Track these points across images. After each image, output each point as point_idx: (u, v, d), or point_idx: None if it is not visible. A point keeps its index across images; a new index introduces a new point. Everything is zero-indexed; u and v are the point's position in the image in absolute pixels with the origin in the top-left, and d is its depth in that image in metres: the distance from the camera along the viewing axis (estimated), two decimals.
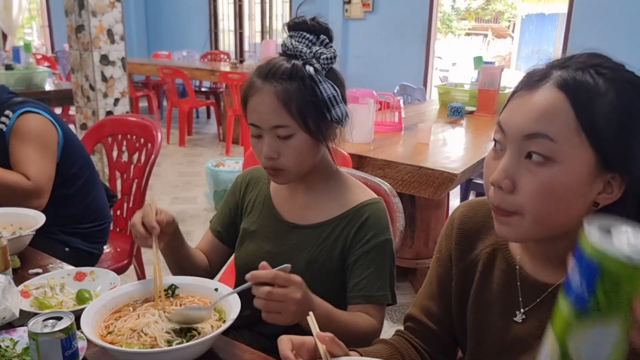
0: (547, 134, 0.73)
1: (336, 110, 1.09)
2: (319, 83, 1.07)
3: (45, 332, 0.75)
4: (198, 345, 0.90)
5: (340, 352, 0.83)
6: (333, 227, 1.18)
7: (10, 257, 1.24)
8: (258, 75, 1.11)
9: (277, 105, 1.07)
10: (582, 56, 0.77)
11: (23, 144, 1.70)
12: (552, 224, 0.78)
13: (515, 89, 0.81)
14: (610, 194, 0.77)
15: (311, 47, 1.10)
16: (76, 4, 3.24)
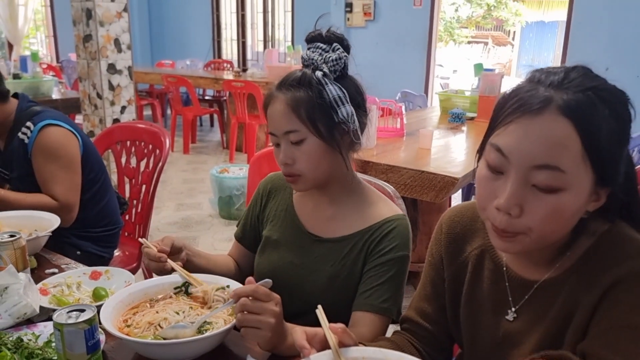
0: (558, 165, 0.74)
1: (342, 111, 1.11)
2: (325, 85, 1.11)
3: (69, 323, 0.80)
4: (210, 338, 0.94)
5: (351, 342, 0.87)
6: (355, 241, 1.19)
7: (28, 258, 1.29)
8: (275, 86, 1.16)
9: (287, 111, 1.11)
10: (577, 76, 0.78)
11: (48, 161, 1.74)
12: (552, 239, 0.82)
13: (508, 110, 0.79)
14: (598, 201, 0.81)
15: (323, 55, 1.14)
16: (84, 14, 3.31)
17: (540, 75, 0.80)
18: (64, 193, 1.73)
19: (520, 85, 0.81)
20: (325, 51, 1.14)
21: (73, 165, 1.78)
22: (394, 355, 0.86)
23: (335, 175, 1.19)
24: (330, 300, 1.15)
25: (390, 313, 1.15)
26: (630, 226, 0.85)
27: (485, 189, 0.82)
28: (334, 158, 1.15)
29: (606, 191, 0.81)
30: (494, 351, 0.95)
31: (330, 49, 1.15)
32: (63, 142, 1.76)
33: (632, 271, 0.79)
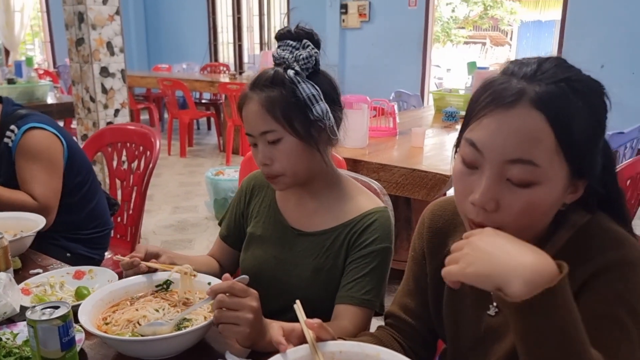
0: (531, 159, 0.73)
1: (316, 108, 1.11)
2: (298, 84, 1.10)
3: (43, 320, 0.79)
4: (188, 335, 0.94)
5: (328, 337, 0.87)
6: (337, 233, 1.19)
7: (12, 259, 1.29)
8: (248, 87, 1.16)
9: (261, 112, 1.11)
10: (550, 67, 0.76)
11: (29, 162, 1.74)
12: (530, 232, 0.81)
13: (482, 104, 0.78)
14: (575, 193, 0.81)
15: (294, 52, 1.13)
16: (76, 18, 3.31)
17: (514, 67, 0.78)
18: (44, 194, 1.72)
19: (494, 77, 0.80)
20: (295, 48, 1.13)
21: (54, 168, 1.78)
22: (371, 348, 0.86)
23: (315, 170, 1.19)
24: (315, 293, 1.17)
25: (373, 305, 1.15)
26: (610, 217, 0.85)
27: (461, 184, 0.81)
28: (312, 155, 1.15)
29: (583, 183, 0.81)
30: (476, 346, 0.95)
31: (300, 45, 1.13)
32: (45, 145, 1.76)
33: (609, 262, 0.78)
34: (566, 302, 0.65)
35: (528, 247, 0.69)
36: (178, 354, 0.97)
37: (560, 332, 0.65)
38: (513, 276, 0.65)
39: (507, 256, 0.67)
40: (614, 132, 2.46)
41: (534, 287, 0.64)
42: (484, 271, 0.68)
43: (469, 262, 0.69)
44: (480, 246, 0.70)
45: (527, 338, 0.67)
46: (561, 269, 0.66)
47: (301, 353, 0.84)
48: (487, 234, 0.72)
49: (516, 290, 0.65)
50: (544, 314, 0.64)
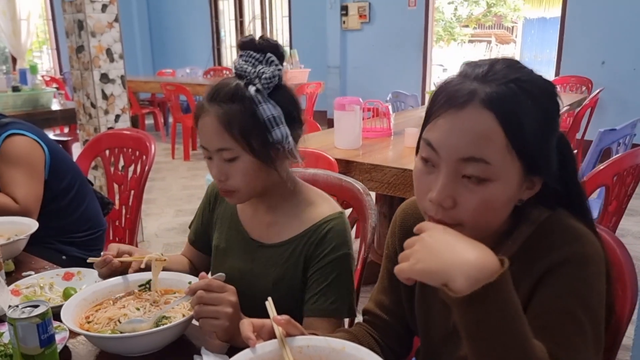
0: (483, 157, 0.76)
1: (276, 132, 1.09)
2: (259, 104, 1.08)
3: (22, 318, 0.83)
4: (165, 331, 0.97)
5: (297, 332, 0.90)
6: (295, 245, 1.18)
7: (5, 262, 1.34)
8: (205, 97, 1.12)
9: (219, 129, 1.08)
10: (501, 68, 0.79)
11: (10, 167, 1.78)
12: (488, 228, 0.84)
13: (437, 104, 0.81)
14: (532, 189, 0.84)
15: (256, 66, 1.09)
16: (76, 26, 3.37)
17: (468, 68, 0.82)
18: (25, 197, 1.76)
19: (450, 79, 0.83)
20: (258, 61, 1.10)
21: (35, 173, 1.82)
22: (337, 343, 0.89)
23: (271, 184, 1.18)
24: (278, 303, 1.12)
25: (340, 313, 1.16)
26: (570, 214, 0.88)
27: (421, 182, 0.84)
28: (269, 172, 1.14)
29: (539, 179, 0.83)
30: (446, 341, 0.98)
31: (264, 59, 1.10)
32: (26, 151, 1.80)
33: (565, 257, 0.80)
34: (506, 297, 0.68)
35: (473, 244, 0.71)
36: (157, 350, 1.00)
37: (502, 326, 0.68)
38: (457, 272, 0.68)
39: (452, 253, 0.70)
40: (605, 129, 2.46)
41: (475, 282, 0.66)
42: (430, 268, 0.71)
43: (417, 258, 0.72)
44: (428, 243, 0.73)
45: (470, 332, 0.70)
46: (503, 264, 0.69)
47: (270, 348, 0.87)
48: (436, 230, 0.75)
49: (459, 285, 0.67)
50: (484, 308, 0.67)
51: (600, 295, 0.80)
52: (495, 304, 0.67)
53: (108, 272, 1.18)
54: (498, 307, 0.67)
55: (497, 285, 0.66)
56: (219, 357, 0.94)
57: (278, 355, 0.86)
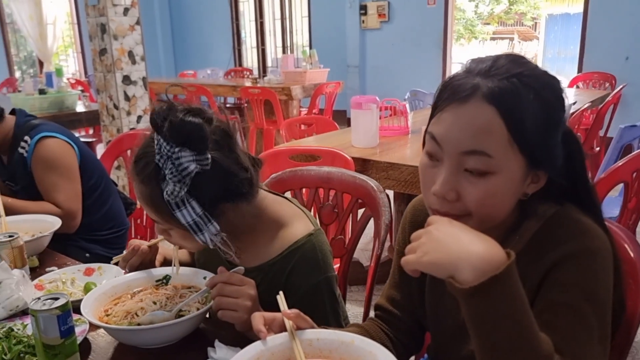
0: (484, 150, 0.78)
1: (198, 238, 1.02)
2: (174, 211, 0.98)
3: (43, 309, 0.87)
4: (181, 323, 1.00)
5: (306, 326, 0.92)
6: (264, 273, 1.13)
7: (30, 258, 1.39)
8: (132, 169, 1.05)
9: (146, 204, 1.04)
10: (504, 63, 0.80)
11: (47, 172, 1.84)
12: (493, 220, 0.85)
13: (441, 99, 0.83)
14: (537, 183, 0.85)
15: (167, 163, 0.96)
16: (99, 29, 3.45)
17: (472, 64, 0.83)
18: (66, 200, 1.82)
19: (455, 74, 0.85)
20: (170, 154, 0.95)
21: (71, 173, 1.88)
22: (347, 336, 0.90)
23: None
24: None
25: None
26: (579, 209, 0.88)
27: (425, 176, 0.86)
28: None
29: (545, 174, 0.84)
30: (456, 335, 0.99)
31: (174, 154, 0.95)
32: (59, 153, 1.86)
33: (571, 251, 0.81)
34: (512, 289, 0.69)
35: (480, 236, 0.72)
36: (173, 343, 1.04)
37: (507, 318, 0.69)
38: (463, 264, 0.69)
39: (458, 245, 0.71)
40: (626, 126, 2.43)
41: (481, 274, 0.67)
42: (437, 260, 0.72)
43: (424, 251, 0.74)
44: (435, 235, 0.74)
45: (476, 324, 0.71)
46: (509, 257, 0.70)
47: (280, 340, 0.89)
48: (443, 223, 0.76)
49: (465, 277, 0.69)
50: (490, 300, 0.68)
51: (607, 290, 0.80)
52: (501, 296, 0.68)
53: (138, 261, 1.20)
54: (504, 298, 0.68)
55: (503, 277, 0.67)
56: (231, 349, 0.96)
57: (288, 348, 0.88)
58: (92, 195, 1.99)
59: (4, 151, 1.93)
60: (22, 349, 0.98)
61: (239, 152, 1.06)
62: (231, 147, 1.04)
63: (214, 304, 1.01)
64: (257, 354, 0.86)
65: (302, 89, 5.52)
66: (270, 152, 2.43)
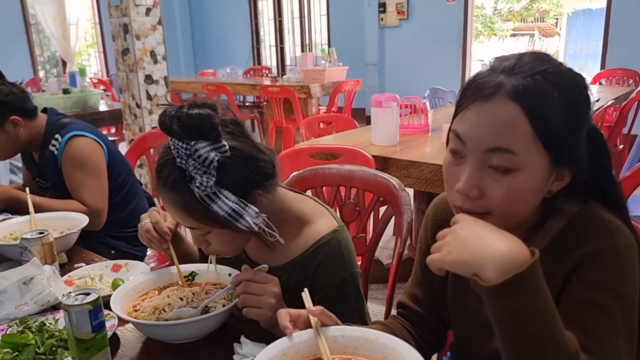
0: (509, 147, 0.78)
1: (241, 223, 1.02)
2: (210, 206, 0.99)
3: (75, 304, 0.90)
4: (207, 320, 1.02)
5: (331, 323, 0.93)
6: (290, 271, 1.15)
7: (59, 254, 1.42)
8: (156, 179, 1.05)
9: (180, 212, 1.03)
10: (529, 61, 0.81)
11: (75, 170, 1.89)
12: (517, 218, 0.85)
13: (465, 97, 0.83)
14: (561, 180, 0.84)
15: (188, 161, 0.97)
16: (121, 30, 3.50)
17: (496, 62, 0.84)
18: (92, 199, 1.86)
19: (478, 72, 0.85)
20: (187, 154, 0.96)
21: (99, 172, 1.92)
22: (371, 333, 0.91)
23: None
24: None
25: None
26: (604, 207, 0.87)
27: (449, 173, 0.87)
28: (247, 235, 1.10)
29: (569, 171, 0.84)
30: (478, 333, 0.99)
31: (191, 150, 0.96)
32: (88, 151, 1.90)
33: (596, 250, 0.81)
34: (536, 287, 0.69)
35: (504, 235, 0.73)
36: (199, 338, 1.06)
37: (532, 316, 0.69)
38: (487, 262, 0.70)
39: (482, 243, 0.72)
40: None
41: (506, 272, 0.68)
42: (462, 258, 0.73)
43: (449, 249, 0.74)
44: (460, 234, 0.75)
45: (500, 322, 0.71)
46: (534, 255, 0.70)
47: (305, 337, 0.90)
48: (468, 222, 0.76)
49: (489, 275, 0.69)
50: (514, 298, 0.68)
51: (633, 288, 0.80)
52: (526, 294, 0.68)
53: (150, 244, 1.21)
54: (528, 297, 0.68)
55: (527, 275, 0.67)
56: (256, 345, 0.98)
57: (313, 344, 0.89)
58: (120, 193, 2.03)
59: (35, 149, 1.98)
60: (54, 343, 1.01)
61: (253, 138, 1.08)
62: (244, 133, 1.06)
63: (239, 301, 1.02)
64: (283, 349, 0.88)
65: (321, 87, 5.53)
66: (291, 151, 2.45)
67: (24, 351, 0.98)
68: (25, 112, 1.90)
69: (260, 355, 0.86)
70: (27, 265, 1.19)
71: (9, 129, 1.87)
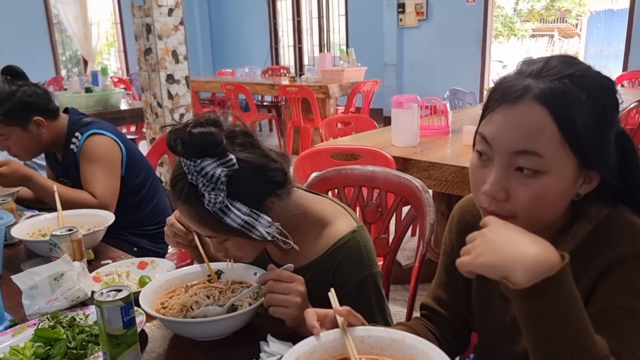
0: (536, 150, 0.78)
1: (255, 234, 1.04)
2: (223, 219, 1.01)
3: (108, 300, 0.92)
4: (235, 318, 1.04)
5: (357, 323, 0.94)
6: (311, 272, 1.16)
7: (86, 251, 1.45)
8: (172, 193, 1.06)
9: (196, 223, 1.06)
10: (556, 64, 0.81)
11: (90, 164, 1.91)
12: (543, 221, 0.85)
13: (492, 100, 0.83)
14: (589, 183, 0.84)
15: (197, 178, 0.99)
16: (144, 30, 3.55)
17: (524, 65, 0.84)
18: (103, 192, 1.88)
19: (506, 76, 0.86)
20: (195, 169, 0.98)
21: (113, 170, 1.94)
22: (398, 334, 0.92)
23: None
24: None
25: None
26: (632, 211, 0.87)
27: (476, 176, 0.87)
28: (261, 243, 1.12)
29: (597, 174, 0.84)
30: (503, 336, 0.99)
31: (197, 167, 0.98)
32: (105, 149, 1.93)
33: (625, 254, 0.81)
34: (566, 291, 0.69)
35: (533, 238, 0.73)
36: (226, 336, 1.07)
37: (561, 320, 0.69)
38: (517, 266, 0.70)
39: (512, 247, 0.72)
40: None
41: (535, 275, 0.68)
42: (491, 261, 0.73)
43: (478, 252, 0.75)
44: (489, 238, 0.75)
45: (529, 325, 0.71)
46: (564, 259, 0.70)
47: (332, 337, 0.91)
48: (497, 226, 0.77)
49: (519, 279, 0.69)
50: (544, 301, 0.68)
51: None
52: (555, 298, 0.68)
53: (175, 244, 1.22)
54: (558, 301, 0.68)
55: (557, 279, 0.67)
56: (283, 343, 0.99)
57: (340, 344, 0.90)
58: (141, 191, 2.06)
59: (58, 149, 2.01)
60: (85, 338, 1.03)
61: (263, 147, 1.09)
62: (254, 143, 1.07)
63: (265, 300, 1.04)
64: (311, 349, 0.89)
65: (340, 88, 5.53)
66: (312, 151, 2.46)
67: (55, 345, 1.01)
68: (48, 112, 1.93)
69: (288, 354, 0.87)
70: (58, 262, 1.21)
71: (32, 130, 1.90)
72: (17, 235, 1.54)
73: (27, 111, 1.87)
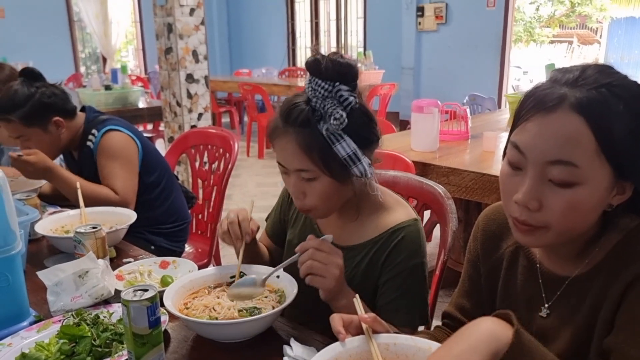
0: (571, 160, 0.77)
1: (354, 170, 1.08)
2: (332, 144, 1.05)
3: (135, 300, 0.92)
4: (258, 321, 1.03)
5: (382, 330, 0.93)
6: (367, 250, 1.18)
7: (108, 248, 1.46)
8: (280, 117, 1.11)
9: (298, 151, 1.07)
10: (593, 73, 0.79)
11: (109, 161, 1.92)
12: (574, 232, 0.84)
13: (526, 109, 0.82)
14: (622, 194, 0.83)
15: (325, 101, 1.04)
16: (165, 29, 3.57)
17: (559, 74, 0.83)
18: (123, 188, 1.88)
19: (539, 84, 0.85)
20: (327, 92, 1.04)
21: (131, 166, 1.95)
22: (424, 342, 0.91)
23: (348, 197, 1.18)
24: None
25: (411, 324, 1.17)
26: None
27: (507, 185, 0.86)
28: (346, 188, 1.14)
29: (631, 185, 0.82)
30: None
31: (332, 91, 1.04)
32: (122, 145, 1.94)
33: None
34: None
35: None
36: (249, 339, 1.07)
37: None
38: None
39: None
40: None
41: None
42: None
43: None
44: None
45: None
46: None
47: (357, 343, 0.90)
48: None
49: None
50: None
51: None
52: None
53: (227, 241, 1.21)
54: None
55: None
56: (307, 348, 0.99)
57: (365, 351, 0.89)
58: (156, 189, 2.07)
59: (74, 147, 2.03)
60: (109, 336, 1.03)
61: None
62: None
63: (304, 268, 1.04)
64: (336, 355, 0.88)
65: None
66: None
67: (80, 343, 1.01)
68: (67, 112, 1.94)
69: (314, 359, 0.86)
70: (83, 259, 1.22)
71: (51, 130, 1.91)
72: (41, 231, 1.56)
73: (46, 112, 1.89)
